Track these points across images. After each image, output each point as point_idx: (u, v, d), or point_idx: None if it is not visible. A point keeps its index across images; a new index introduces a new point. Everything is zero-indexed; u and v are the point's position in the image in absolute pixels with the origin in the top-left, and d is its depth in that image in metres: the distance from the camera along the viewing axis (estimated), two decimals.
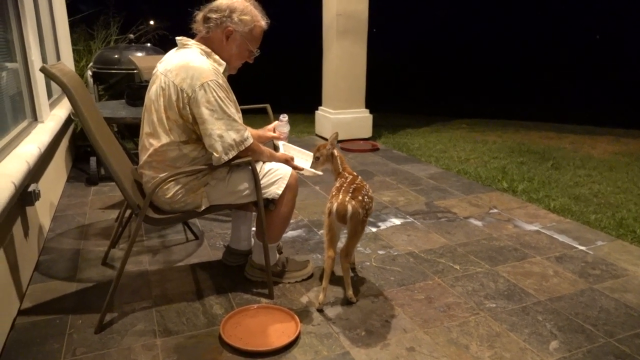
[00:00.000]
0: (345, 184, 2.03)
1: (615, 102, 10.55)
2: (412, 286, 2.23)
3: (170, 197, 1.95)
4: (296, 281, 2.25)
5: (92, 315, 1.95)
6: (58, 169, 3.38)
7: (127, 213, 2.48)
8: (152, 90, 1.92)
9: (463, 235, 2.79)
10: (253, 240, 2.25)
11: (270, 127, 2.32)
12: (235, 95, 1.98)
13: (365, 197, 2.01)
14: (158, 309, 2.03)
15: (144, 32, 5.94)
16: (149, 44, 5.19)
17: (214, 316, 1.98)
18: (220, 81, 1.86)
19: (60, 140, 3.55)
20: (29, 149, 2.38)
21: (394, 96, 10.55)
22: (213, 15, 1.91)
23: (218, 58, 1.94)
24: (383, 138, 5.33)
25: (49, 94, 3.42)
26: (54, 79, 1.74)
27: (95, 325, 1.87)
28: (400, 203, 3.32)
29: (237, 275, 2.29)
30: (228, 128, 1.86)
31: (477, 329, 1.91)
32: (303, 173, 2.19)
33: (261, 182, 2.00)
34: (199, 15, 1.95)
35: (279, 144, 2.28)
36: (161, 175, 1.89)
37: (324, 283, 2.02)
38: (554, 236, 2.79)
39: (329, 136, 2.18)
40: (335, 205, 1.94)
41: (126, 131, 3.93)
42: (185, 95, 1.82)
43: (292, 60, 17.35)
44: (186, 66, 1.84)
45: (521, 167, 4.18)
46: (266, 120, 2.71)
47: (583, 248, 2.64)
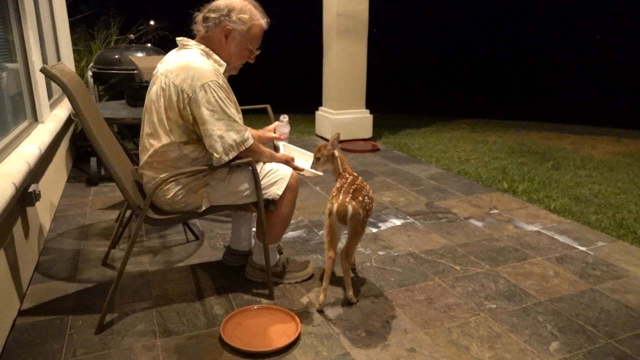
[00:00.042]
0: (346, 185, 2.03)
1: (616, 102, 10.55)
2: (413, 287, 2.23)
3: (171, 198, 1.95)
4: (296, 282, 2.25)
5: (93, 316, 1.95)
6: (58, 170, 3.38)
7: (128, 213, 2.48)
8: (153, 91, 1.92)
9: (463, 236, 2.79)
10: (253, 240, 2.25)
11: (270, 128, 2.32)
12: (236, 96, 1.98)
13: (366, 198, 2.01)
14: (158, 309, 2.03)
15: (145, 33, 5.94)
16: (149, 45, 5.20)
17: (214, 317, 1.98)
18: (220, 82, 1.86)
19: (60, 140, 3.55)
20: (29, 149, 2.38)
21: (394, 96, 10.55)
22: (212, 15, 1.92)
23: (218, 58, 1.94)
24: (383, 138, 5.33)
25: (50, 95, 3.42)
26: (54, 80, 1.74)
27: (95, 326, 1.87)
28: (401, 203, 3.32)
29: (238, 276, 2.29)
30: (228, 129, 1.86)
31: (478, 329, 1.91)
32: (303, 173, 2.19)
33: (261, 183, 2.00)
34: (199, 16, 1.95)
35: (280, 144, 2.28)
36: (162, 175, 1.89)
37: (325, 284, 2.01)
38: (555, 237, 2.79)
39: (330, 136, 2.18)
40: (336, 205, 1.94)
41: (126, 131, 3.93)
42: (185, 95, 1.82)
43: (293, 61, 17.36)
44: (186, 67, 1.84)
45: (521, 168, 4.18)
46: (266, 120, 2.70)
47: (583, 249, 2.63)
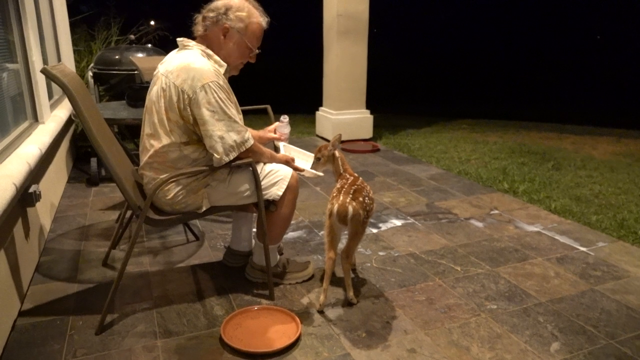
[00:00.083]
0: (346, 185, 2.03)
1: (616, 103, 10.54)
2: (413, 287, 2.23)
3: (171, 198, 1.95)
4: (297, 282, 2.24)
5: (93, 317, 1.95)
6: (59, 170, 3.39)
7: (128, 214, 2.48)
8: (153, 91, 1.92)
9: (464, 236, 2.79)
10: (254, 241, 2.25)
11: (270, 128, 2.32)
12: (236, 96, 1.98)
13: (366, 199, 2.01)
14: (159, 310, 2.03)
15: (145, 33, 5.94)
16: (149, 45, 5.19)
17: (215, 317, 1.98)
18: (221, 82, 1.86)
19: (61, 141, 3.55)
20: (29, 149, 2.38)
21: (395, 97, 10.54)
22: (210, 14, 1.93)
23: (219, 59, 1.94)
24: (384, 139, 5.33)
25: (50, 95, 3.42)
26: (55, 81, 1.74)
27: (96, 327, 1.87)
28: (401, 204, 3.32)
29: (238, 277, 2.29)
30: (229, 129, 1.86)
31: (478, 330, 1.91)
32: (304, 174, 2.19)
33: (262, 183, 2.00)
34: (198, 17, 1.96)
35: (280, 145, 2.28)
36: (162, 176, 1.89)
37: (325, 284, 2.01)
38: (555, 237, 2.78)
39: (330, 137, 2.18)
40: (336, 206, 1.94)
41: (127, 132, 3.93)
42: (186, 96, 1.82)
43: (293, 61, 17.35)
44: (187, 67, 1.84)
45: (522, 168, 4.18)
46: (267, 121, 2.70)
47: (584, 249, 2.63)
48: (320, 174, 2.19)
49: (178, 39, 1.99)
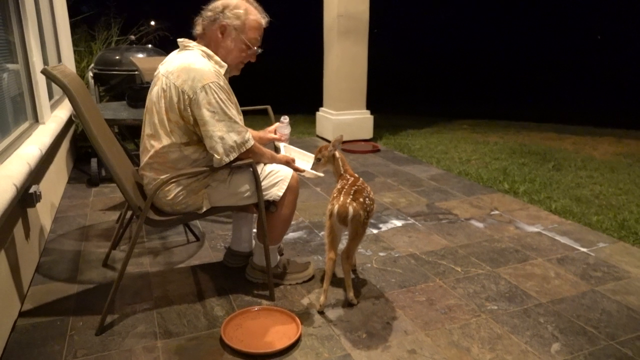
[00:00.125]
0: (347, 186, 2.03)
1: (617, 103, 10.54)
2: (413, 288, 2.23)
3: (172, 199, 1.95)
4: (297, 283, 2.24)
5: (93, 317, 1.95)
6: (59, 170, 3.39)
7: (128, 214, 2.48)
8: (154, 92, 1.92)
9: (464, 237, 2.79)
10: (254, 241, 2.25)
11: (271, 129, 2.32)
12: (236, 97, 1.98)
13: (367, 199, 2.01)
14: (159, 310, 2.03)
15: (145, 33, 5.95)
16: (150, 45, 5.19)
17: (215, 318, 1.98)
18: (221, 83, 1.86)
19: (61, 141, 3.55)
20: (30, 150, 2.38)
21: (395, 97, 10.54)
22: (208, 14, 1.95)
23: (219, 60, 1.94)
24: (384, 139, 5.33)
25: (50, 95, 3.42)
26: (55, 81, 1.74)
27: (96, 327, 1.87)
28: (401, 204, 3.31)
29: (238, 277, 2.29)
30: (229, 130, 1.86)
31: (479, 331, 1.91)
32: (304, 175, 2.19)
33: (262, 184, 2.00)
34: (198, 19, 1.97)
35: (280, 145, 2.28)
36: (162, 176, 1.89)
37: (325, 285, 2.01)
38: (556, 238, 2.78)
39: (331, 137, 2.19)
40: (337, 207, 1.94)
41: (127, 132, 3.93)
42: (186, 97, 1.82)
43: (293, 62, 17.35)
44: (187, 68, 1.84)
45: (522, 168, 4.18)
46: (267, 121, 2.70)
47: (585, 250, 2.63)
48: (321, 174, 2.19)
49: (179, 40, 2.00)
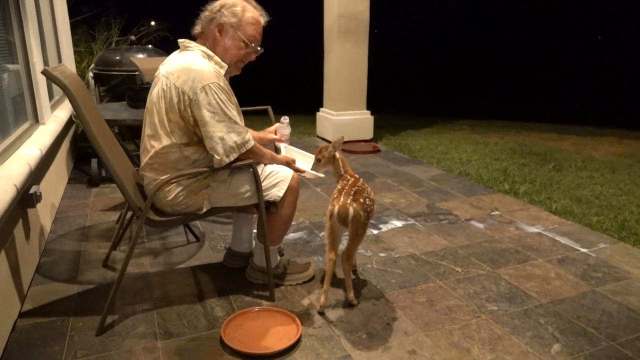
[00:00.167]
0: (347, 187, 2.03)
1: (617, 103, 10.53)
2: (414, 289, 2.23)
3: (172, 199, 1.95)
4: (297, 284, 2.24)
5: (93, 318, 1.95)
6: (59, 171, 3.39)
7: (128, 215, 2.48)
8: (154, 92, 1.92)
9: (464, 238, 2.79)
10: (254, 242, 2.25)
11: (271, 129, 2.32)
12: (237, 97, 1.98)
13: (367, 200, 2.01)
14: (159, 311, 2.02)
15: (146, 34, 5.94)
16: (150, 46, 5.19)
17: (215, 318, 1.98)
18: (221, 84, 1.86)
19: (61, 141, 3.55)
20: (30, 150, 2.38)
21: (395, 97, 10.54)
22: (206, 14, 1.96)
23: (219, 60, 1.94)
24: (384, 139, 5.33)
25: (50, 96, 3.43)
26: (56, 82, 1.74)
27: (96, 328, 1.87)
28: (402, 205, 3.31)
29: (238, 278, 2.29)
30: (229, 130, 1.86)
31: (479, 331, 1.91)
32: (304, 175, 2.19)
33: (262, 185, 2.00)
34: (197, 20, 1.97)
35: (281, 146, 2.28)
36: (162, 177, 1.90)
37: (325, 285, 2.01)
38: (556, 238, 2.78)
39: (331, 138, 2.18)
40: (337, 207, 1.94)
41: (127, 133, 3.92)
42: (186, 97, 1.82)
43: (293, 62, 17.36)
44: (187, 69, 1.84)
45: (523, 169, 4.17)
46: (267, 122, 2.70)
47: (585, 250, 2.63)
48: (321, 175, 2.19)
49: (179, 40, 2.00)
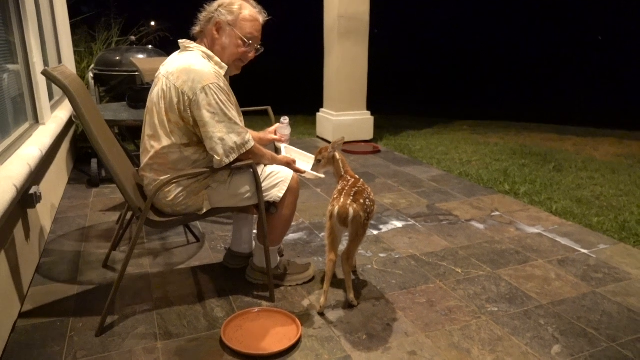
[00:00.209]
0: (347, 187, 2.03)
1: (618, 104, 10.53)
2: (414, 289, 2.23)
3: (172, 200, 1.95)
4: (297, 284, 2.24)
5: (93, 318, 1.95)
6: (59, 171, 3.39)
7: (128, 215, 2.48)
8: (154, 93, 1.92)
9: (465, 238, 2.78)
10: (254, 243, 2.25)
11: (271, 130, 2.32)
12: (237, 97, 1.98)
13: (367, 200, 2.00)
14: (159, 311, 2.02)
15: (146, 34, 5.94)
16: (150, 46, 5.19)
17: (215, 319, 1.97)
18: (221, 84, 1.86)
19: (61, 142, 3.55)
20: (30, 151, 2.38)
21: (396, 98, 10.54)
22: (204, 14, 1.96)
23: (219, 61, 1.94)
24: (384, 140, 5.33)
25: (50, 96, 3.42)
26: (56, 82, 1.74)
27: (96, 328, 1.87)
28: (402, 205, 3.31)
29: (238, 278, 2.29)
30: (229, 131, 1.86)
31: (479, 332, 1.90)
32: (305, 176, 2.19)
33: (262, 185, 2.00)
34: (196, 20, 1.97)
35: (281, 146, 2.28)
36: (162, 177, 1.89)
37: (325, 286, 2.01)
38: (556, 239, 2.78)
39: (331, 138, 2.18)
40: (337, 208, 1.93)
41: (127, 133, 3.92)
42: (186, 98, 1.82)
43: (294, 62, 17.36)
44: (187, 69, 1.84)
45: (523, 170, 4.17)
46: (267, 122, 2.70)
47: (585, 251, 2.63)
48: (321, 175, 2.19)
49: (180, 41, 2.00)
